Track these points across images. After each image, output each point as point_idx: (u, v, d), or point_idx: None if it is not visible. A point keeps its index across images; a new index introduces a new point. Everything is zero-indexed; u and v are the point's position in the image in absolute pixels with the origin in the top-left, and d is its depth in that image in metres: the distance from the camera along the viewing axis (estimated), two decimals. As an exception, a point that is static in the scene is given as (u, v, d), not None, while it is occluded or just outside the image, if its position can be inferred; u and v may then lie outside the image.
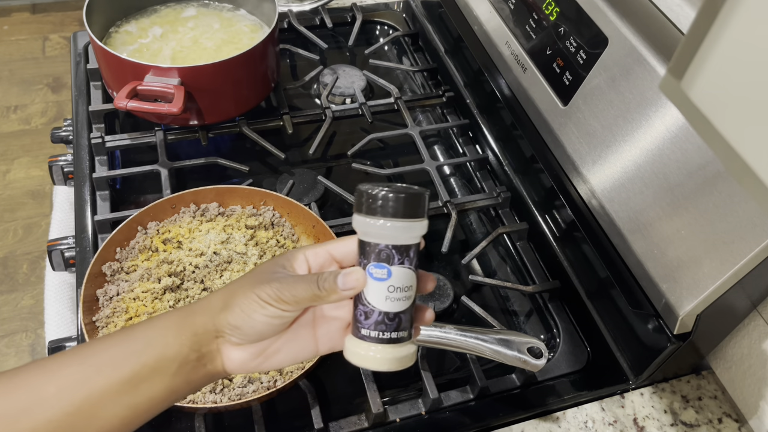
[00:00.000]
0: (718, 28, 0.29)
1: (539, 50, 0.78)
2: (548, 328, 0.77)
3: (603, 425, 0.67)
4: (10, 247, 1.82)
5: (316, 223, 0.75)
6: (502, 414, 0.67)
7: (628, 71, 0.64)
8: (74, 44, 1.01)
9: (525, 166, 0.86)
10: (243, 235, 0.73)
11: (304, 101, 1.02)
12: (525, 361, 0.62)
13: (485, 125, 0.94)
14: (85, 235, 0.77)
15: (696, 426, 0.68)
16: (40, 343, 1.63)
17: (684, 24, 0.58)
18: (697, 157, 0.58)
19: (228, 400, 0.60)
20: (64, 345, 0.68)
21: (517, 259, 0.84)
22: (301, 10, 1.11)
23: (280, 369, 0.62)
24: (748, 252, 0.53)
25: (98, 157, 0.86)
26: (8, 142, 2.08)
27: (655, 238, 0.63)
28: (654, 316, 0.65)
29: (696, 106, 0.32)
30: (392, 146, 0.98)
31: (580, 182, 0.73)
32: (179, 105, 0.77)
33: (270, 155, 0.89)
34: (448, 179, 0.95)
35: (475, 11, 0.92)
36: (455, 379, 0.72)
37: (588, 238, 0.73)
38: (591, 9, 0.69)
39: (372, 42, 1.14)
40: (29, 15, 2.57)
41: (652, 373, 0.68)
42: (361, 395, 0.65)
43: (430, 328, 0.64)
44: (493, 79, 0.90)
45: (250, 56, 0.82)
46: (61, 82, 2.30)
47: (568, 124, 0.73)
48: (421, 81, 1.08)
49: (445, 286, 0.77)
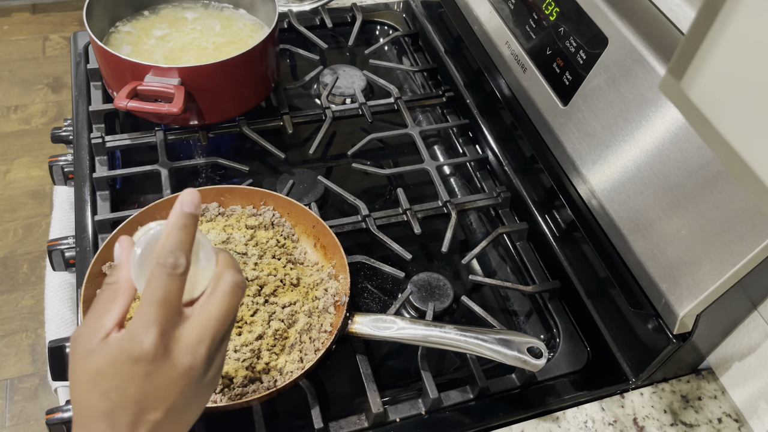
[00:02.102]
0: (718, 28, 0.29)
1: (539, 50, 0.78)
2: (548, 328, 0.77)
3: (603, 425, 0.67)
4: (10, 247, 1.82)
5: (316, 223, 0.75)
6: (502, 414, 0.67)
7: (628, 71, 0.64)
8: (74, 44, 1.01)
9: (525, 166, 0.86)
10: (243, 235, 0.73)
11: (304, 101, 1.02)
12: (525, 361, 0.62)
13: (485, 125, 0.94)
14: (85, 235, 0.77)
15: (696, 426, 0.68)
16: (40, 343, 1.63)
17: (684, 24, 0.58)
18: (697, 157, 0.58)
19: (228, 400, 0.60)
20: (64, 345, 0.68)
21: (517, 259, 0.84)
22: (301, 10, 1.11)
23: (280, 369, 0.63)
24: (748, 252, 0.53)
25: (98, 157, 0.86)
26: (8, 142, 2.08)
27: (655, 238, 0.63)
28: (654, 316, 0.65)
29: (696, 106, 0.32)
30: (392, 146, 0.98)
31: (580, 182, 0.73)
32: (179, 105, 0.77)
33: (270, 155, 0.89)
34: (448, 179, 0.95)
35: (475, 11, 0.92)
36: (455, 379, 0.72)
37: (588, 238, 0.73)
38: (591, 9, 0.69)
39: (372, 42, 1.14)
40: (29, 15, 2.57)
41: (652, 373, 0.69)
42: (361, 395, 0.66)
43: (430, 327, 0.65)
44: (493, 79, 0.90)
45: (250, 56, 0.82)
46: (61, 82, 2.30)
47: (568, 124, 0.73)
48: (421, 81, 1.08)
49: (445, 286, 0.77)
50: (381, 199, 0.91)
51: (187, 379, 0.39)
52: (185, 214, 0.41)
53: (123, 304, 0.41)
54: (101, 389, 0.38)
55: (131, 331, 0.38)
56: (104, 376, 0.38)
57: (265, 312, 0.67)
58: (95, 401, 0.38)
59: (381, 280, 0.80)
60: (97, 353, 0.39)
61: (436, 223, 0.84)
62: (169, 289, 0.39)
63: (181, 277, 0.40)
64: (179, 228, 0.40)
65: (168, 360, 0.38)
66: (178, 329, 0.39)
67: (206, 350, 0.40)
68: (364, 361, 0.67)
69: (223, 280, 0.42)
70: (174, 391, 0.39)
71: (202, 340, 0.40)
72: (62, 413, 0.64)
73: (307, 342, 0.65)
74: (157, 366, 0.38)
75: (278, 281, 0.70)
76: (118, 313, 0.40)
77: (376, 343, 0.72)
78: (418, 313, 0.76)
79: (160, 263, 0.39)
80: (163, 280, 0.39)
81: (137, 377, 0.38)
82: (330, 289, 0.70)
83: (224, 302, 0.41)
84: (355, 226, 0.80)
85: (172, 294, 0.39)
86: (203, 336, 0.40)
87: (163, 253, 0.40)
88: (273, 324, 0.66)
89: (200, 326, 0.40)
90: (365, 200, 0.83)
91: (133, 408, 0.38)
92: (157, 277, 0.39)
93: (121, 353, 0.38)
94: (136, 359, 0.38)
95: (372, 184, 0.92)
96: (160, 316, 0.38)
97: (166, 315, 0.39)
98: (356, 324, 0.66)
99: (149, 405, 0.38)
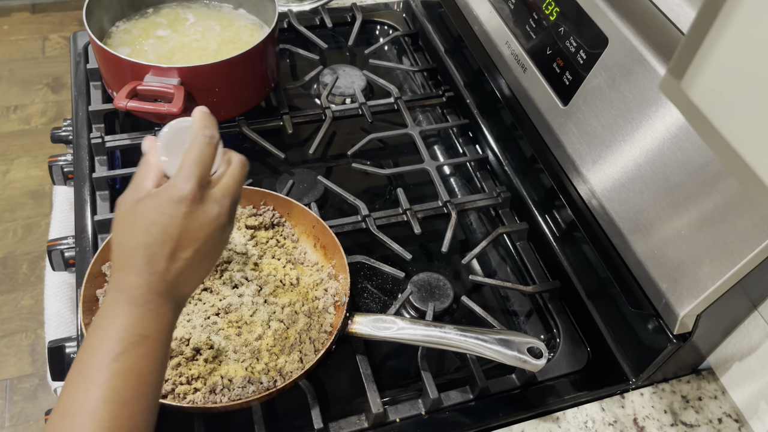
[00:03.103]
0: (718, 28, 0.29)
1: (539, 50, 0.78)
2: (548, 328, 0.77)
3: (603, 425, 0.67)
4: (10, 247, 1.82)
5: (316, 223, 0.75)
6: (502, 414, 0.67)
7: (628, 71, 0.64)
8: (74, 44, 1.01)
9: (525, 166, 0.86)
10: (243, 235, 0.73)
11: (304, 101, 1.02)
12: (525, 361, 0.62)
13: (485, 125, 0.94)
14: (85, 235, 0.77)
15: (696, 426, 0.68)
16: (40, 343, 1.63)
17: (684, 24, 0.58)
18: (697, 157, 0.58)
19: (228, 400, 0.60)
20: (63, 345, 0.68)
21: (517, 259, 0.84)
22: (301, 10, 1.11)
23: (280, 369, 0.63)
24: (748, 252, 0.53)
25: (98, 157, 0.86)
26: (8, 142, 2.08)
27: (655, 238, 0.63)
28: (654, 316, 0.65)
29: (696, 106, 0.32)
30: (392, 146, 0.98)
31: (580, 182, 0.73)
32: (179, 105, 0.77)
33: (270, 155, 0.89)
34: (448, 179, 0.95)
35: (475, 11, 0.92)
36: (455, 379, 0.72)
37: (588, 238, 0.73)
38: (591, 9, 0.69)
39: (372, 42, 1.14)
40: (29, 15, 2.57)
41: (652, 373, 0.68)
42: (361, 395, 0.65)
43: (430, 327, 0.65)
44: (493, 79, 0.90)
45: (250, 56, 0.82)
46: (61, 82, 2.30)
47: (568, 124, 0.73)
48: (421, 81, 1.08)
49: (445, 286, 0.77)
50: (381, 199, 0.91)
51: (215, 225, 0.47)
52: (206, 110, 0.51)
53: (157, 174, 0.49)
54: (144, 224, 0.46)
55: (173, 182, 0.47)
56: (148, 213, 0.46)
57: (264, 312, 0.67)
58: (138, 235, 0.46)
59: (381, 280, 0.80)
60: (143, 200, 0.47)
61: (436, 223, 0.84)
62: (206, 153, 0.48)
63: (215, 146, 0.49)
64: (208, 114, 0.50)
65: (202, 206, 0.47)
66: (208, 187, 0.48)
67: (229, 203, 0.49)
68: (364, 361, 0.67)
69: (236, 156, 0.52)
70: (203, 234, 0.47)
71: (226, 195, 0.49)
72: (62, 413, 0.64)
73: (307, 342, 0.65)
74: (193, 209, 0.46)
75: (278, 281, 0.70)
76: (155, 179, 0.49)
77: (376, 343, 0.72)
78: (418, 313, 0.76)
79: (200, 134, 0.48)
80: (202, 146, 0.48)
81: (177, 216, 0.46)
82: (330, 289, 0.70)
83: (239, 171, 0.51)
84: (355, 226, 0.80)
85: (207, 157, 0.48)
86: (226, 193, 0.49)
87: (201, 127, 0.49)
88: (273, 324, 0.66)
89: (225, 185, 0.49)
90: (365, 200, 0.83)
91: (170, 243, 0.46)
92: (197, 144, 0.48)
93: (165, 195, 0.46)
94: (177, 200, 0.46)
95: (372, 184, 0.92)
96: (198, 171, 0.47)
97: (202, 172, 0.47)
98: (356, 324, 0.66)
99: (183, 243, 0.46)
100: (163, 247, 0.45)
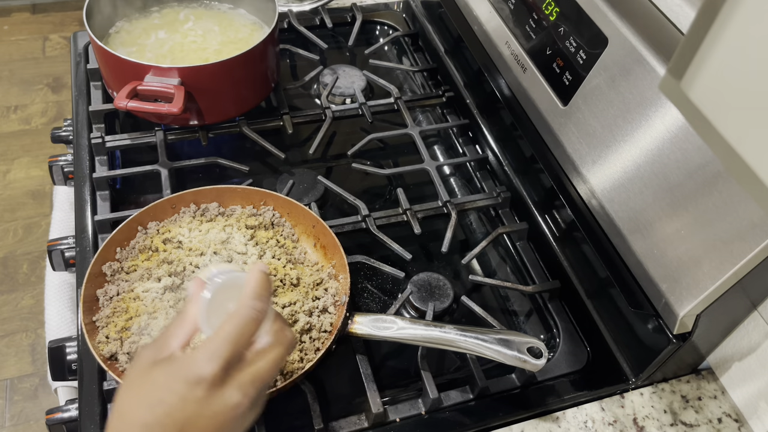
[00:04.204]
0: (718, 28, 0.29)
1: (539, 50, 0.78)
2: (548, 328, 0.77)
3: (603, 425, 0.67)
4: (10, 247, 1.82)
5: (316, 223, 0.75)
6: (502, 414, 0.67)
7: (628, 71, 0.64)
8: (74, 44, 1.01)
9: (525, 166, 0.86)
10: (243, 235, 0.73)
11: (304, 101, 1.02)
12: (525, 361, 0.62)
13: (485, 125, 0.94)
14: (85, 235, 0.77)
15: (696, 426, 0.68)
16: (40, 343, 1.63)
17: (684, 24, 0.58)
18: (697, 157, 0.58)
19: (228, 400, 0.60)
20: (64, 345, 0.68)
21: (517, 259, 0.84)
22: (301, 10, 1.11)
23: (280, 369, 0.63)
24: (748, 252, 0.53)
25: (98, 157, 0.86)
26: (8, 142, 2.08)
27: (655, 238, 0.63)
28: (654, 316, 0.65)
29: (696, 106, 0.32)
30: (392, 146, 0.98)
31: (580, 182, 0.73)
32: (179, 105, 0.77)
33: (270, 155, 0.89)
34: (448, 179, 0.95)
35: (475, 11, 0.92)
36: (455, 379, 0.72)
37: (588, 238, 0.73)
38: (591, 9, 0.69)
39: (372, 42, 1.14)
40: (29, 15, 2.57)
41: (651, 373, 0.68)
42: (361, 395, 0.65)
43: (430, 327, 0.65)
44: (493, 79, 0.90)
45: (250, 56, 0.82)
46: (61, 82, 2.30)
47: (568, 124, 0.73)
48: (421, 81, 1.08)
49: (445, 286, 0.77)
50: (381, 199, 0.91)
51: (231, 415, 0.41)
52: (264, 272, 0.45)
53: (187, 333, 0.44)
54: (149, 401, 0.40)
55: (196, 356, 0.41)
56: (158, 387, 0.40)
57: (265, 312, 0.67)
58: (140, 411, 0.40)
59: (381, 280, 0.80)
60: (160, 365, 0.41)
61: (436, 223, 0.84)
62: (244, 331, 0.42)
63: (259, 323, 0.43)
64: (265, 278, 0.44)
65: (220, 392, 0.41)
66: (236, 368, 0.42)
67: (255, 392, 0.43)
68: (364, 361, 0.67)
69: (285, 335, 0.46)
70: (213, 424, 0.41)
71: (254, 382, 0.42)
72: (62, 413, 0.64)
73: (307, 342, 0.65)
74: (209, 394, 0.40)
75: (278, 281, 0.70)
76: (183, 340, 0.44)
77: (376, 343, 0.72)
78: (418, 313, 0.76)
79: (247, 304, 0.43)
80: (244, 321, 0.42)
81: (189, 400, 0.40)
82: (330, 289, 0.70)
83: (281, 354, 0.45)
84: (355, 226, 0.80)
85: (245, 336, 0.42)
86: (256, 379, 0.43)
87: (251, 296, 0.43)
88: (273, 324, 0.66)
89: (257, 371, 0.43)
90: (365, 200, 0.83)
91: (172, 430, 0.39)
92: (239, 317, 0.42)
93: (181, 370, 0.40)
94: (194, 382, 0.40)
95: (372, 184, 0.92)
96: (228, 351, 0.41)
97: (232, 353, 0.41)
98: (356, 324, 0.66)
99: (188, 430, 0.40)
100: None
